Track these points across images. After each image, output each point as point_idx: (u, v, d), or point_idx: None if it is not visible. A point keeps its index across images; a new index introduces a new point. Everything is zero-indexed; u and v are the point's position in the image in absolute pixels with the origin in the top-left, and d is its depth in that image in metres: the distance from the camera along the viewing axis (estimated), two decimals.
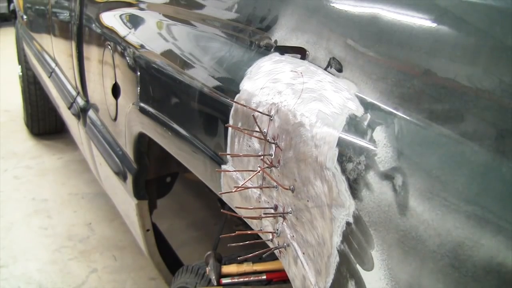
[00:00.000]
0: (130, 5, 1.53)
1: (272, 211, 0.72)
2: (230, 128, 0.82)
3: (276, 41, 0.79)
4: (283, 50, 0.77)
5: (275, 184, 0.70)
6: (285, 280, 1.20)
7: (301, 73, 0.68)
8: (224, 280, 1.24)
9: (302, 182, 0.64)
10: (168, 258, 1.79)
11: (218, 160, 0.89)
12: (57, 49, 2.44)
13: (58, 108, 2.84)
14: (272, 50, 0.79)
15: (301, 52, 0.73)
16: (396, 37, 0.58)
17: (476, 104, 0.47)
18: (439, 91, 0.51)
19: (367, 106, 0.57)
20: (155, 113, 1.19)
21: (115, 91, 1.51)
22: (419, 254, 0.46)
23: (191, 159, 1.05)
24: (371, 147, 0.53)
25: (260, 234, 0.77)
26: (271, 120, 0.70)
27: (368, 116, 0.56)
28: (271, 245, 0.74)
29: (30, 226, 2.73)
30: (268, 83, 0.73)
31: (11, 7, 4.32)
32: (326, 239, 0.59)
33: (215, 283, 1.24)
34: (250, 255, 0.77)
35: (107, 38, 1.57)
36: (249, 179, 0.73)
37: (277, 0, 0.83)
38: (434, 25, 0.54)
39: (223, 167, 0.87)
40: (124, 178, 1.59)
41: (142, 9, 1.44)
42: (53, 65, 2.64)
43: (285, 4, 0.81)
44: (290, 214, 0.68)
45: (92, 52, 1.78)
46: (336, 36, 0.67)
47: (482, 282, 0.41)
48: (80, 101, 2.09)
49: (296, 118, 0.64)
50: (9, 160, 3.54)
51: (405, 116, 0.53)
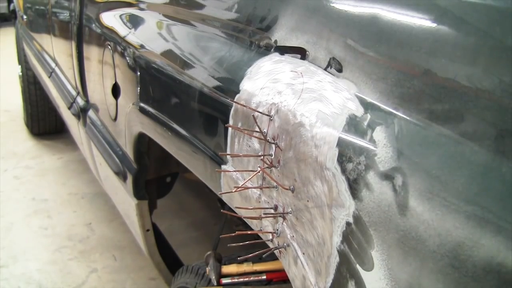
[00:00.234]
0: (130, 5, 1.53)
1: (272, 211, 0.72)
2: (230, 128, 0.82)
3: (276, 41, 0.79)
4: (283, 50, 0.77)
5: (275, 184, 0.70)
6: (285, 280, 1.20)
7: (301, 73, 0.68)
8: (224, 280, 1.24)
9: (302, 182, 0.64)
10: (168, 258, 1.79)
11: (218, 160, 0.89)
12: (57, 49, 2.44)
13: (58, 108, 2.84)
14: (272, 50, 0.79)
15: (301, 52, 0.73)
16: (396, 37, 0.58)
17: (476, 104, 0.47)
18: (439, 91, 0.51)
19: (367, 106, 0.57)
20: (155, 113, 1.19)
21: (115, 91, 1.51)
22: (419, 254, 0.46)
23: (191, 159, 1.05)
24: (371, 147, 0.53)
25: (260, 234, 0.77)
26: (271, 120, 0.70)
27: (368, 116, 0.56)
28: (271, 245, 0.74)
29: (30, 226, 2.73)
30: (268, 83, 0.73)
31: (11, 7, 4.32)
32: (326, 239, 0.59)
33: (215, 283, 1.24)
34: (250, 255, 0.77)
35: (107, 38, 1.57)
36: (249, 179, 0.73)
37: (277, 0, 0.83)
38: (434, 25, 0.54)
39: (223, 167, 0.87)
40: (124, 178, 1.59)
41: (142, 9, 1.44)
42: (53, 65, 2.64)
43: (285, 4, 0.81)
44: (290, 214, 0.68)
45: (92, 52, 1.78)
46: (336, 36, 0.67)
47: (482, 282, 0.41)
48: (80, 101, 2.09)
49: (296, 118, 0.64)
50: (9, 160, 3.54)
51: (405, 116, 0.53)
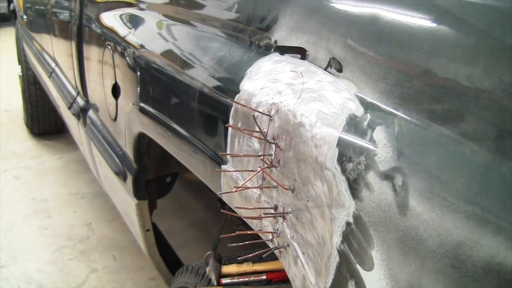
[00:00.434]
0: (130, 5, 1.53)
1: (272, 211, 0.72)
2: (230, 128, 0.82)
3: (276, 41, 0.79)
4: (283, 50, 0.77)
5: (275, 184, 0.70)
6: (285, 280, 1.20)
7: (301, 73, 0.68)
8: (224, 280, 1.24)
9: (302, 182, 0.64)
10: (168, 258, 1.79)
11: (218, 160, 0.89)
12: (57, 49, 2.44)
13: (58, 108, 2.84)
14: (272, 50, 0.79)
15: (301, 52, 0.73)
16: (396, 37, 0.58)
17: (476, 104, 0.47)
18: (439, 91, 0.51)
19: (367, 106, 0.57)
20: (155, 113, 1.19)
21: (115, 91, 1.51)
22: (419, 254, 0.46)
23: (191, 159, 1.05)
24: (371, 147, 0.53)
25: (260, 234, 0.77)
26: (271, 120, 0.70)
27: (368, 116, 0.56)
28: (271, 245, 0.74)
29: (30, 226, 2.73)
30: (268, 83, 0.73)
31: (11, 7, 4.32)
32: (326, 239, 0.59)
33: (215, 283, 1.24)
34: (250, 255, 0.77)
35: (107, 38, 1.57)
36: (249, 179, 0.73)
37: (277, 0, 0.83)
38: (434, 25, 0.54)
39: (223, 167, 0.87)
40: (124, 178, 1.59)
41: (142, 9, 1.44)
42: (53, 65, 2.64)
43: (285, 4, 0.81)
44: (290, 214, 0.68)
45: (92, 52, 1.78)
46: (336, 36, 0.67)
47: (482, 282, 0.41)
48: (80, 101, 2.09)
49: (296, 118, 0.64)
50: (9, 160, 3.54)
51: (405, 116, 0.53)
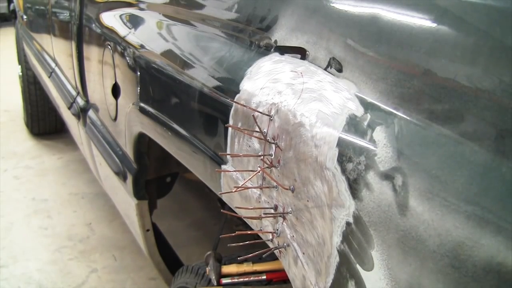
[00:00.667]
0: (130, 5, 1.53)
1: (272, 211, 0.72)
2: (230, 128, 0.82)
3: (276, 41, 0.79)
4: (283, 50, 0.77)
5: (275, 184, 0.70)
6: (285, 280, 1.20)
7: (301, 73, 0.68)
8: (224, 280, 1.24)
9: (302, 182, 0.64)
10: (168, 258, 1.79)
11: (218, 160, 0.89)
12: (57, 49, 2.44)
13: (58, 108, 2.84)
14: (272, 50, 0.79)
15: (301, 52, 0.73)
16: (396, 37, 0.58)
17: (476, 104, 0.47)
18: (439, 91, 0.51)
19: (367, 106, 0.57)
20: (155, 113, 1.19)
21: (115, 91, 1.51)
22: (419, 254, 0.46)
23: (191, 159, 1.05)
24: (371, 147, 0.53)
25: (260, 234, 0.77)
26: (271, 120, 0.70)
27: (368, 116, 0.56)
28: (271, 245, 0.74)
29: (30, 226, 2.73)
30: (268, 83, 0.73)
31: (11, 7, 4.32)
32: (326, 239, 0.59)
33: (215, 283, 1.24)
34: (250, 255, 0.77)
35: (107, 38, 1.57)
36: (249, 179, 0.73)
37: (277, 0, 0.83)
38: (434, 25, 0.54)
39: (223, 167, 0.87)
40: (124, 178, 1.59)
41: (142, 9, 1.44)
42: (53, 65, 2.64)
43: (285, 4, 0.81)
44: (290, 214, 0.68)
45: (92, 52, 1.78)
46: (336, 36, 0.67)
47: (482, 282, 0.41)
48: (80, 101, 2.09)
49: (296, 118, 0.64)
50: (9, 160, 3.54)
51: (405, 116, 0.53)
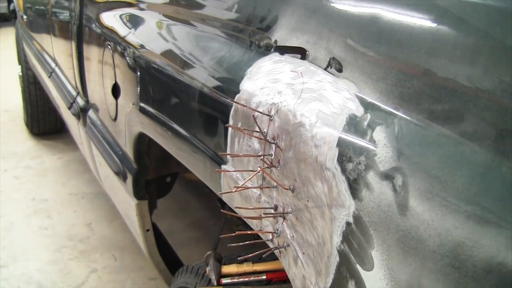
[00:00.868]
0: (130, 5, 1.53)
1: (272, 211, 0.72)
2: (230, 128, 0.82)
3: (276, 41, 0.79)
4: (283, 50, 0.77)
5: (275, 184, 0.70)
6: (285, 280, 1.20)
7: (301, 73, 0.68)
8: (224, 280, 1.24)
9: (302, 182, 0.64)
10: (168, 258, 1.79)
11: (218, 160, 0.89)
12: (57, 49, 2.44)
13: (58, 108, 2.84)
14: (272, 50, 0.79)
15: (301, 52, 0.73)
16: (396, 37, 0.58)
17: (476, 104, 0.47)
18: (439, 91, 0.51)
19: (367, 106, 0.57)
20: (155, 113, 1.19)
21: (115, 91, 1.51)
22: (419, 254, 0.46)
23: (191, 159, 1.05)
24: (371, 147, 0.53)
25: (260, 234, 0.77)
26: (271, 120, 0.70)
27: (368, 116, 0.56)
28: (271, 245, 0.74)
29: (30, 226, 2.73)
30: (268, 83, 0.73)
31: (11, 7, 4.32)
32: (326, 239, 0.59)
33: (215, 283, 1.24)
34: (250, 255, 0.77)
35: (107, 38, 1.57)
36: (249, 179, 0.73)
37: (277, 0, 0.83)
38: (434, 25, 0.54)
39: (223, 167, 0.87)
40: (124, 178, 1.59)
41: (142, 9, 1.44)
42: (53, 65, 2.64)
43: (285, 4, 0.81)
44: (290, 214, 0.68)
45: (92, 52, 1.78)
46: (336, 36, 0.67)
47: (482, 282, 0.41)
48: (80, 101, 2.09)
49: (296, 118, 0.64)
50: (9, 160, 3.54)
51: (405, 116, 0.53)
